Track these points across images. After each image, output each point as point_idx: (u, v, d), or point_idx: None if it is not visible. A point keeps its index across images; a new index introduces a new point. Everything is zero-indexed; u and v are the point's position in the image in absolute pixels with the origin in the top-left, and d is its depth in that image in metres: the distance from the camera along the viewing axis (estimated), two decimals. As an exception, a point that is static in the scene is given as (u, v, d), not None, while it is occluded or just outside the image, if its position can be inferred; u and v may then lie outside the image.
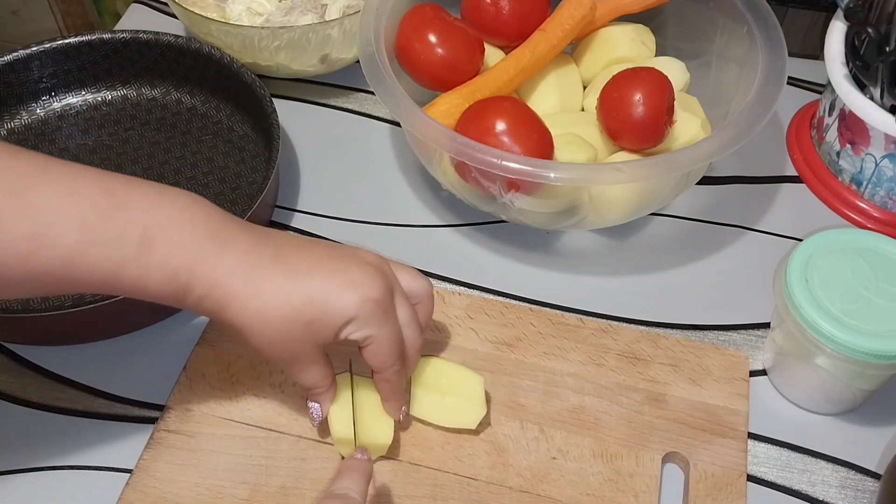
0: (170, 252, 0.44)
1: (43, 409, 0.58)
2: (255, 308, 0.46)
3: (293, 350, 0.48)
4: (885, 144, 0.66)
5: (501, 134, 0.60)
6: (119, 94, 0.77)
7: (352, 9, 0.76)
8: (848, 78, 0.67)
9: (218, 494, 0.53)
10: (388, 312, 0.48)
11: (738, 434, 0.56)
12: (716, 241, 0.69)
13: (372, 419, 0.53)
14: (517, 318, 0.62)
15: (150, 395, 0.58)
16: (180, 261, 0.44)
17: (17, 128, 0.75)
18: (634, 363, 0.60)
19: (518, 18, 0.68)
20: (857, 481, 0.56)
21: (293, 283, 0.46)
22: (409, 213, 0.71)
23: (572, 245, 0.69)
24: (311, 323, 0.46)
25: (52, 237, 0.42)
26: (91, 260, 0.43)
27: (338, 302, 0.46)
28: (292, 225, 0.69)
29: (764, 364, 0.61)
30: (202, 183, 0.71)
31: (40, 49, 0.73)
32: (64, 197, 0.43)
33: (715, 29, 0.70)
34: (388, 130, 0.77)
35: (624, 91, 0.63)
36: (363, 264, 0.48)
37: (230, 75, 0.72)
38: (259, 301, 0.46)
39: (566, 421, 0.57)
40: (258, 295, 0.46)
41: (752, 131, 0.59)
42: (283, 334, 0.46)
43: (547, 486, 0.54)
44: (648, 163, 0.61)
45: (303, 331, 0.47)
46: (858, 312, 0.53)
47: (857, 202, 0.70)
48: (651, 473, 0.54)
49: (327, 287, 0.46)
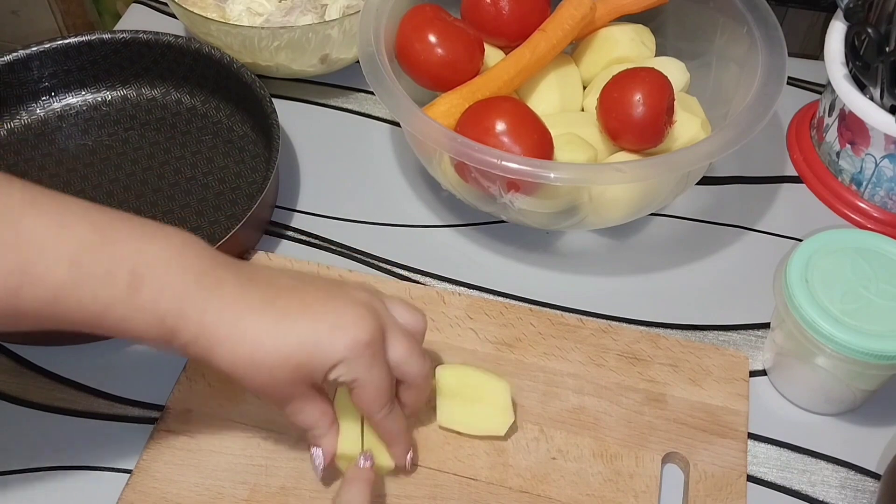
0: (158, 294, 0.43)
1: (43, 409, 0.57)
2: (242, 353, 0.45)
3: (284, 392, 0.47)
4: (885, 144, 0.66)
5: (501, 134, 0.60)
6: (119, 94, 0.77)
7: (352, 9, 0.76)
8: (848, 78, 0.67)
9: (218, 494, 0.53)
10: (377, 357, 0.47)
11: (738, 434, 0.56)
12: (716, 241, 0.69)
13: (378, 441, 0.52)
14: (517, 318, 0.62)
15: (150, 395, 0.58)
16: (168, 305, 0.43)
17: (17, 128, 0.74)
18: (634, 363, 0.60)
19: (518, 18, 0.68)
20: (857, 481, 0.56)
21: (282, 326, 0.45)
22: (409, 213, 0.71)
23: (572, 245, 0.69)
24: (301, 366, 0.45)
25: (41, 271, 0.41)
26: (79, 296, 0.42)
27: (327, 345, 0.45)
28: (292, 225, 0.69)
29: (764, 364, 0.61)
30: (202, 183, 0.71)
31: (40, 49, 0.73)
32: (52, 229, 0.42)
33: (715, 29, 0.70)
34: (388, 130, 0.77)
35: (624, 91, 0.63)
36: (354, 305, 0.47)
37: (230, 75, 0.72)
38: (247, 346, 0.45)
39: (566, 421, 0.57)
40: (246, 341, 0.45)
41: (752, 131, 0.59)
42: (273, 378, 0.46)
43: (547, 487, 0.54)
44: (648, 163, 0.61)
45: (292, 374, 0.46)
46: (858, 312, 0.53)
47: (857, 202, 0.70)
48: (651, 474, 0.54)
49: (317, 329, 0.45)
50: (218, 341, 0.44)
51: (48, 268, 0.41)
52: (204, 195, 0.70)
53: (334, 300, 0.47)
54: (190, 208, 0.69)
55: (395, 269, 0.66)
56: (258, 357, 0.45)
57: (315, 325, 0.46)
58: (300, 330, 0.45)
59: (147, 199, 0.70)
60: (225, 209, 0.69)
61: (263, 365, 0.45)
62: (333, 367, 0.46)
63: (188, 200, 0.70)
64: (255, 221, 0.65)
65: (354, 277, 0.64)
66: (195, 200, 0.70)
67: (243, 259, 0.65)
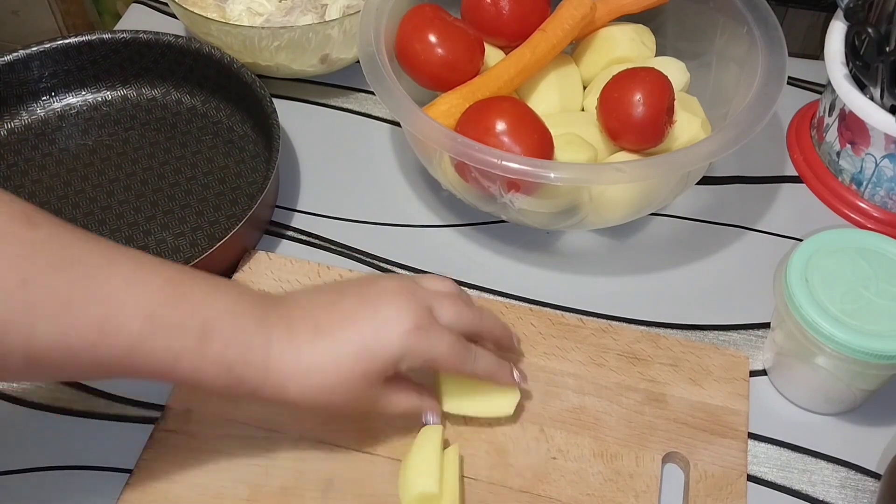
0: (226, 345, 0.45)
1: (43, 409, 0.57)
2: (311, 384, 0.47)
3: (366, 398, 0.50)
4: (885, 144, 0.66)
5: (501, 134, 0.60)
6: (119, 94, 0.77)
7: (352, 9, 0.76)
8: (848, 78, 0.67)
9: (218, 494, 0.53)
10: (432, 331, 0.49)
11: (739, 434, 0.56)
12: (716, 241, 0.69)
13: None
14: (517, 318, 0.62)
15: (150, 395, 0.58)
16: (235, 354, 0.46)
17: (17, 128, 0.75)
18: (634, 363, 0.60)
19: (518, 18, 0.68)
20: (857, 481, 0.56)
21: (334, 347, 0.48)
22: (409, 213, 0.71)
23: (572, 245, 0.69)
24: (367, 373, 0.48)
25: (119, 324, 0.43)
26: (153, 348, 0.44)
27: (381, 347, 0.48)
28: (292, 225, 0.69)
29: (764, 364, 0.61)
30: (202, 183, 0.71)
31: (40, 49, 0.73)
32: (130, 285, 0.44)
33: (715, 29, 0.70)
34: (388, 130, 0.77)
35: (624, 91, 0.63)
36: (391, 297, 0.49)
37: (230, 75, 0.72)
38: (312, 377, 0.47)
39: (566, 421, 0.57)
40: (309, 372, 0.47)
41: (752, 131, 0.59)
42: (348, 393, 0.48)
43: (547, 487, 0.54)
44: (648, 163, 0.61)
45: (363, 382, 0.48)
46: (858, 312, 0.53)
47: (857, 202, 0.70)
48: (651, 473, 0.54)
49: (364, 336, 0.48)
50: (285, 380, 0.47)
51: (127, 320, 0.43)
52: (204, 195, 0.70)
53: (373, 302, 0.49)
54: (190, 208, 0.69)
55: (395, 269, 0.66)
56: (325, 382, 0.48)
57: (361, 334, 0.48)
58: (353, 343, 0.48)
59: (147, 198, 0.70)
60: (225, 209, 0.69)
61: (333, 386, 0.48)
62: (397, 361, 0.48)
63: (188, 200, 0.70)
64: (255, 221, 0.65)
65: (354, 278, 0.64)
66: (195, 200, 0.70)
67: (243, 260, 0.65)
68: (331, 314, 0.49)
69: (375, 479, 0.53)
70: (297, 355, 0.47)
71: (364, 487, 0.53)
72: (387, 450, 0.55)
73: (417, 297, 0.50)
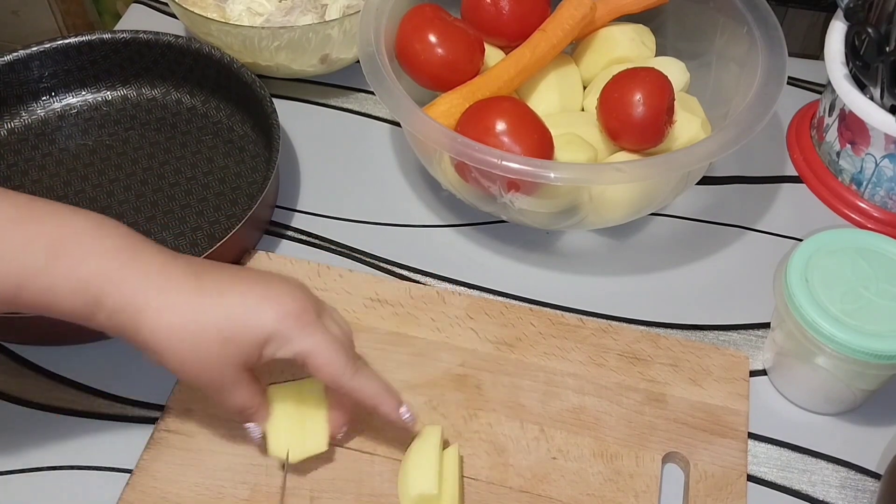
0: (79, 260, 0.43)
1: (43, 409, 0.57)
2: (168, 322, 0.43)
3: (213, 372, 0.45)
4: (885, 144, 0.66)
5: (501, 134, 0.60)
6: (119, 94, 0.77)
7: (352, 9, 0.76)
8: (848, 78, 0.67)
9: (218, 494, 0.53)
10: (314, 324, 0.46)
11: (739, 434, 0.56)
12: (716, 241, 0.69)
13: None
14: (517, 318, 0.62)
15: (150, 395, 0.58)
16: (91, 270, 0.43)
17: (17, 128, 0.75)
18: (634, 363, 0.60)
19: (518, 18, 0.68)
20: (857, 481, 0.56)
21: (207, 299, 0.44)
22: (409, 213, 0.71)
23: (572, 245, 0.69)
24: (229, 341, 0.44)
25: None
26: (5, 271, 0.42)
27: (255, 317, 0.44)
28: (292, 225, 0.69)
29: (764, 364, 0.61)
30: (202, 183, 0.71)
31: (40, 49, 0.73)
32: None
33: (715, 29, 0.70)
34: (388, 130, 0.77)
35: (624, 91, 0.63)
36: (285, 282, 0.47)
37: (230, 75, 0.72)
38: (172, 315, 0.43)
39: (566, 421, 0.57)
40: (171, 308, 0.44)
41: (752, 131, 0.59)
42: (201, 353, 0.44)
43: (547, 486, 0.54)
44: (648, 163, 0.61)
45: (221, 350, 0.44)
46: (858, 312, 0.53)
47: (857, 202, 0.70)
48: (651, 473, 0.54)
49: (245, 302, 0.45)
50: (143, 309, 0.43)
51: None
52: (204, 195, 0.70)
53: (265, 278, 0.46)
54: (190, 208, 0.69)
55: (395, 269, 0.66)
56: (185, 327, 0.44)
57: (243, 297, 0.45)
58: (227, 302, 0.44)
59: (147, 198, 0.70)
60: (225, 209, 0.69)
61: (190, 337, 0.44)
62: (266, 341, 0.45)
63: (188, 200, 0.70)
64: (255, 221, 0.65)
65: (354, 278, 0.64)
66: (195, 200, 0.70)
67: (243, 260, 0.65)
68: (218, 273, 0.46)
69: (375, 479, 0.53)
70: (163, 289, 0.43)
71: (363, 487, 0.53)
72: (387, 450, 0.55)
73: (310, 298, 0.47)
